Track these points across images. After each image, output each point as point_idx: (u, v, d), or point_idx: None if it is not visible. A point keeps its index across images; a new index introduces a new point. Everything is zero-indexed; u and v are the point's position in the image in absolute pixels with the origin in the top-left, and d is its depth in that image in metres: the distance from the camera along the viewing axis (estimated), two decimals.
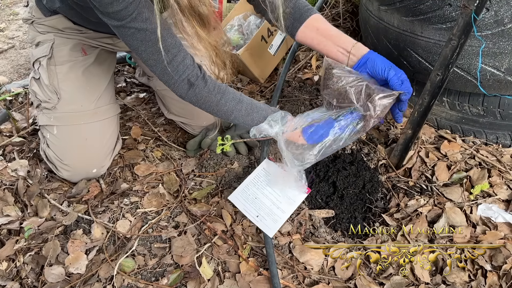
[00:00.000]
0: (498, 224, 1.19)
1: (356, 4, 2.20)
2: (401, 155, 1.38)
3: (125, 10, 0.99)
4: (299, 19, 1.25)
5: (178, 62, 1.11)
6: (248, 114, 1.20)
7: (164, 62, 1.09)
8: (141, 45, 1.06)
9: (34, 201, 1.38)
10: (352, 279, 1.11)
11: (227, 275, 1.14)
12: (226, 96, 1.19)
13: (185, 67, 1.12)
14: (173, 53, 1.09)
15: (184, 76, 1.13)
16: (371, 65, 1.17)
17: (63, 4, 1.28)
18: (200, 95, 1.16)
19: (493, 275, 1.09)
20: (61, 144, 1.39)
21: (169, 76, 1.12)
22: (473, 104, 1.38)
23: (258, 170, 1.28)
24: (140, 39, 1.05)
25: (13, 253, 1.22)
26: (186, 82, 1.14)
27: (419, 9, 1.24)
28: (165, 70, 1.11)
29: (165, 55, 1.08)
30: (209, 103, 1.18)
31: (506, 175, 1.32)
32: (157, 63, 1.10)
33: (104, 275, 1.16)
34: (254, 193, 1.24)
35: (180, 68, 1.12)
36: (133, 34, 1.04)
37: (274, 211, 1.20)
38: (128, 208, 1.36)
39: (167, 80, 1.14)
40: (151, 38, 1.05)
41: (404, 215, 1.26)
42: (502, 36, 1.16)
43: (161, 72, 1.12)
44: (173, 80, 1.13)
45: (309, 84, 1.82)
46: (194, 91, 1.16)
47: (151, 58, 1.09)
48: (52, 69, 1.38)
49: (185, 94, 1.16)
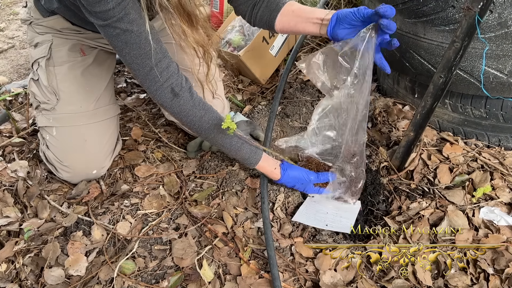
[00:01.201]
0: (500, 227, 1.19)
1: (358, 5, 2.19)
2: (403, 157, 1.37)
3: (113, 10, 0.98)
4: (275, 8, 1.25)
5: (162, 68, 1.10)
6: (227, 137, 1.21)
7: (147, 67, 1.08)
8: (125, 47, 1.05)
9: (34, 202, 1.37)
10: (354, 282, 1.10)
11: (228, 278, 1.13)
12: (209, 114, 1.19)
13: (169, 74, 1.11)
14: (158, 58, 1.08)
15: (167, 83, 1.12)
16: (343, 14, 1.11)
17: (61, 5, 1.27)
18: (184, 107, 1.16)
19: (495, 278, 1.08)
20: (61, 145, 1.38)
21: (151, 82, 1.11)
22: (475, 107, 1.37)
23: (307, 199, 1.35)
24: (125, 40, 1.03)
25: (13, 255, 1.21)
26: (170, 90, 1.13)
27: (422, 11, 1.23)
28: (147, 75, 1.09)
29: (149, 59, 1.06)
30: (192, 117, 1.18)
31: (509, 178, 1.32)
32: (140, 67, 1.08)
33: (104, 277, 1.15)
34: (315, 209, 1.30)
35: (164, 74, 1.10)
36: (118, 35, 1.03)
37: (339, 219, 1.25)
38: (128, 209, 1.35)
39: (150, 86, 1.12)
40: (136, 40, 1.04)
41: (406, 217, 1.26)
42: (505, 39, 1.16)
43: (143, 77, 1.10)
44: (156, 86, 1.11)
45: (311, 85, 1.82)
46: (179, 102, 1.15)
47: (135, 62, 1.08)
48: (51, 70, 1.37)
49: (169, 104, 1.15)
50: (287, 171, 1.28)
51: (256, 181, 1.39)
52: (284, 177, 1.28)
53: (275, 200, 1.32)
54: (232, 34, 2.03)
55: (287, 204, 1.32)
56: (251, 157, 1.25)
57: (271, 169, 1.28)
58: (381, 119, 1.57)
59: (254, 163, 1.26)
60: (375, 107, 1.61)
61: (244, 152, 1.24)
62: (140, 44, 1.04)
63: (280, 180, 1.29)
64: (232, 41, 2.00)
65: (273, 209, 1.30)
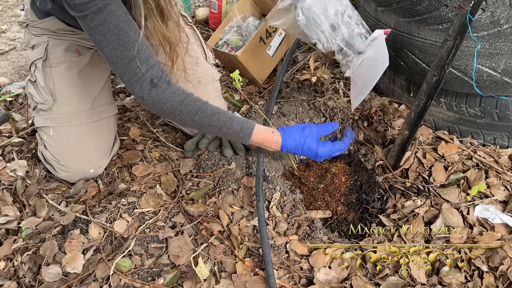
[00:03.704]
0: (495, 225, 1.19)
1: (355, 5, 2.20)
2: (398, 156, 1.38)
3: (93, 1, 0.99)
4: None
5: (142, 60, 1.10)
6: (213, 114, 1.19)
7: (126, 59, 1.07)
8: (104, 39, 1.05)
9: (33, 201, 1.38)
10: (348, 280, 1.11)
11: (223, 275, 1.14)
12: (190, 97, 1.18)
13: (148, 66, 1.11)
14: (137, 50, 1.08)
15: (147, 75, 1.11)
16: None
17: (55, 5, 1.29)
18: (163, 95, 1.15)
19: (489, 276, 1.08)
20: (58, 145, 1.40)
21: (131, 74, 1.10)
22: (470, 105, 1.38)
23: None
24: (103, 32, 1.04)
25: (11, 253, 1.22)
26: (149, 82, 1.12)
27: (416, 10, 1.24)
28: (127, 67, 1.09)
29: (128, 50, 1.06)
30: (173, 102, 1.16)
31: (504, 176, 1.32)
32: (118, 60, 1.08)
33: (100, 274, 1.16)
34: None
35: (144, 65, 1.10)
36: (97, 26, 1.03)
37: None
38: (125, 208, 1.36)
39: (130, 78, 1.11)
40: (115, 31, 1.04)
41: (401, 216, 1.26)
42: (498, 37, 1.16)
43: (123, 69, 1.10)
44: (135, 78, 1.11)
45: (307, 85, 1.82)
46: (157, 91, 1.14)
47: (113, 55, 1.07)
48: (48, 71, 1.39)
49: (147, 95, 1.14)
50: (287, 131, 1.24)
51: (252, 180, 1.40)
52: (285, 138, 1.23)
53: (270, 199, 1.33)
54: (230, 34, 2.04)
55: (282, 203, 1.32)
56: (244, 127, 1.21)
57: (269, 134, 1.23)
58: (377, 118, 1.58)
59: (249, 133, 1.22)
60: (371, 106, 1.61)
61: (236, 124, 1.21)
62: (119, 35, 1.04)
63: (283, 145, 1.24)
64: (230, 41, 2.01)
65: (268, 207, 1.31)
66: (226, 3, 2.38)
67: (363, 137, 1.54)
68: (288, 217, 1.29)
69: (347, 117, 1.63)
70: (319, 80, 1.81)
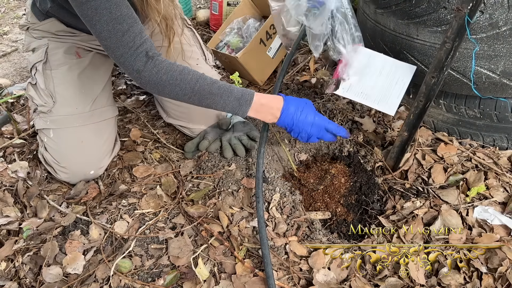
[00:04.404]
0: (494, 226, 1.19)
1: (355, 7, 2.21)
2: (397, 157, 1.38)
3: None
4: None
5: (135, 33, 1.08)
6: (213, 82, 1.18)
7: (119, 33, 1.06)
8: (96, 14, 1.03)
9: (34, 202, 1.39)
10: (347, 281, 1.11)
11: (223, 276, 1.15)
12: (188, 68, 1.17)
13: (142, 39, 1.10)
14: (129, 23, 1.07)
15: (142, 48, 1.10)
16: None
17: (54, 4, 1.30)
18: (160, 66, 1.12)
19: (488, 277, 1.09)
20: (58, 147, 1.40)
21: (125, 47, 1.08)
22: (469, 107, 1.38)
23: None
24: (95, 6, 1.03)
25: (12, 253, 1.23)
26: (144, 54, 1.10)
27: (415, 12, 1.25)
28: (120, 40, 1.07)
29: (120, 24, 1.05)
30: (172, 72, 1.13)
31: (503, 177, 1.32)
32: (111, 34, 1.06)
33: (101, 275, 1.16)
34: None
35: (137, 39, 1.09)
36: (88, 1, 1.02)
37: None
38: (126, 209, 1.37)
39: (123, 52, 1.09)
40: (106, 5, 1.03)
41: (400, 217, 1.27)
42: (497, 39, 1.17)
43: (116, 43, 1.08)
44: (130, 52, 1.09)
45: (307, 86, 1.83)
46: (154, 62, 1.12)
47: (105, 29, 1.05)
48: (48, 73, 1.39)
49: (143, 66, 1.11)
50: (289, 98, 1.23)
51: (252, 181, 1.40)
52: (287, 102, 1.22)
53: (270, 200, 1.33)
54: (230, 36, 2.05)
55: (282, 204, 1.33)
56: (245, 94, 1.20)
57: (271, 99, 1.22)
58: (376, 119, 1.58)
59: (250, 99, 1.20)
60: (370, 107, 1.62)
61: (236, 92, 1.19)
62: (111, 9, 1.03)
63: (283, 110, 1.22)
64: (230, 43, 2.02)
65: (268, 209, 1.31)
66: (227, 4, 2.39)
67: (362, 138, 1.54)
68: (288, 218, 1.29)
69: (346, 119, 1.63)
70: (319, 81, 1.81)
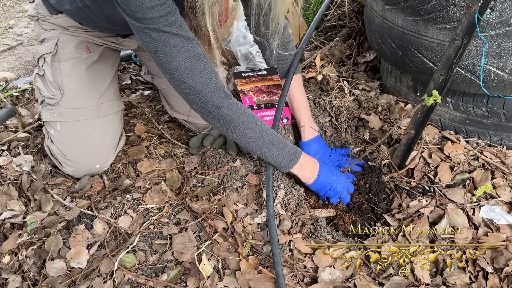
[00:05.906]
0: (500, 226, 1.18)
1: (362, 3, 2.19)
2: (403, 155, 1.37)
3: (165, 16, 0.99)
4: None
5: (211, 70, 1.10)
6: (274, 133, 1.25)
7: (197, 70, 1.08)
8: (175, 51, 1.04)
9: (38, 196, 1.39)
10: (352, 279, 1.10)
11: (226, 273, 1.14)
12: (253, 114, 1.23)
13: (218, 77, 1.12)
14: (204, 60, 1.09)
15: (219, 85, 1.12)
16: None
17: (72, 7, 1.29)
18: (239, 106, 1.17)
19: (494, 277, 1.08)
20: (64, 139, 1.40)
21: (203, 84, 1.09)
22: (477, 105, 1.37)
23: None
24: (174, 44, 1.03)
25: (16, 247, 1.23)
26: (222, 91, 1.13)
27: (424, 9, 1.23)
28: (199, 77, 1.09)
29: (197, 61, 1.07)
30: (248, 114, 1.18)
31: (510, 177, 1.31)
32: (189, 71, 1.07)
33: (104, 270, 1.16)
34: None
35: (213, 77, 1.10)
36: (167, 39, 1.02)
37: None
38: (130, 204, 1.37)
39: (202, 88, 1.09)
40: (185, 44, 1.04)
41: (406, 215, 1.26)
42: (506, 37, 1.15)
43: (194, 80, 1.08)
44: (209, 88, 1.10)
45: (313, 83, 1.82)
46: (233, 101, 1.16)
47: (183, 66, 1.06)
48: (56, 65, 1.39)
49: (223, 103, 1.13)
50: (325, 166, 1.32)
51: (257, 178, 1.40)
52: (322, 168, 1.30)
53: (275, 197, 1.33)
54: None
55: (287, 201, 1.32)
56: (297, 150, 1.27)
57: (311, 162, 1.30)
58: (382, 117, 1.57)
59: (298, 156, 1.27)
60: (377, 104, 1.61)
61: (290, 146, 1.26)
62: (189, 47, 1.05)
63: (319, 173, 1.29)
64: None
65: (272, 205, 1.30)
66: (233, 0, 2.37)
67: (368, 136, 1.53)
68: (292, 215, 1.29)
69: (352, 116, 1.62)
70: (325, 78, 1.80)
